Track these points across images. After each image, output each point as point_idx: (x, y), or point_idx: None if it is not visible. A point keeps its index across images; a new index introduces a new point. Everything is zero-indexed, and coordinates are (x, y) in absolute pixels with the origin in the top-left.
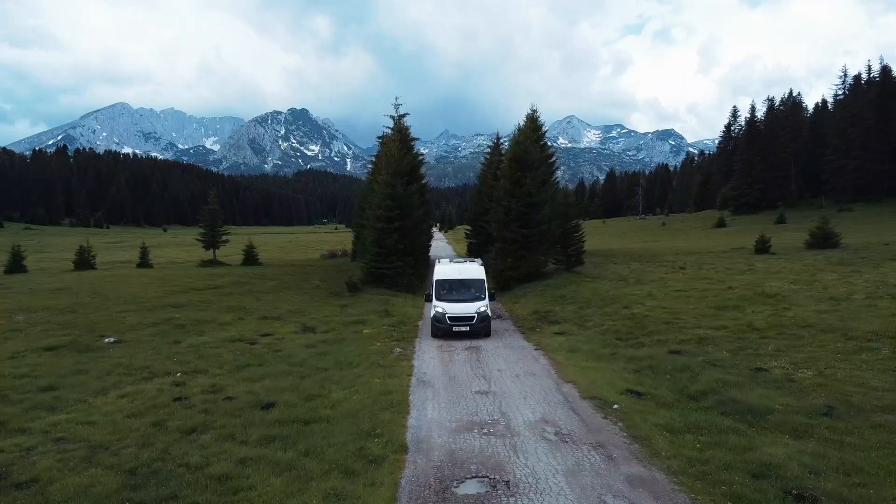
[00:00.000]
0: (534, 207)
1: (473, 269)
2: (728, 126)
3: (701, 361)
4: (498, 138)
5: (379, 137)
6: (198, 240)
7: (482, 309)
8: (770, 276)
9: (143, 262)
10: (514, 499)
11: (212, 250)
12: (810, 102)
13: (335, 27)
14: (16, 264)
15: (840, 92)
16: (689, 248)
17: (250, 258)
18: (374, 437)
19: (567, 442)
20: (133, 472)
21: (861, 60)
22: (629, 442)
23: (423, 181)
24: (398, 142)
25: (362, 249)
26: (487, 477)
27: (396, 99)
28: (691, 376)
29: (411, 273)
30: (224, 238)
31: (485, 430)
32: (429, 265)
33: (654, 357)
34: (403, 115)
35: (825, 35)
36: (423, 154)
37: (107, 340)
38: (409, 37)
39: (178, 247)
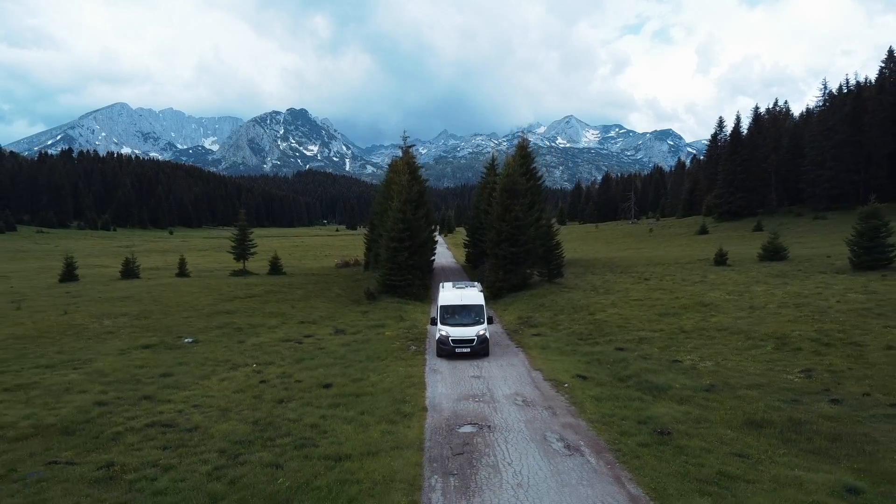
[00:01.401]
0: (521, 230)
1: (473, 296)
2: (714, 136)
3: (636, 356)
4: (493, 158)
5: (389, 165)
6: (229, 252)
7: (481, 332)
8: (714, 287)
9: (182, 272)
10: (492, 434)
11: (242, 261)
12: (804, 104)
13: (334, 27)
14: (69, 273)
15: (821, 103)
16: (662, 258)
17: (275, 268)
18: (405, 403)
19: (529, 405)
20: (256, 423)
21: (859, 60)
22: (569, 405)
23: (427, 206)
24: (407, 174)
25: (376, 263)
26: (477, 424)
27: (405, 132)
28: (624, 366)
29: (419, 284)
30: (252, 251)
31: (476, 399)
32: (433, 276)
33: (603, 353)
34: (411, 146)
35: (824, 35)
36: (422, 153)
37: (186, 340)
38: (407, 36)
39: (193, 252)
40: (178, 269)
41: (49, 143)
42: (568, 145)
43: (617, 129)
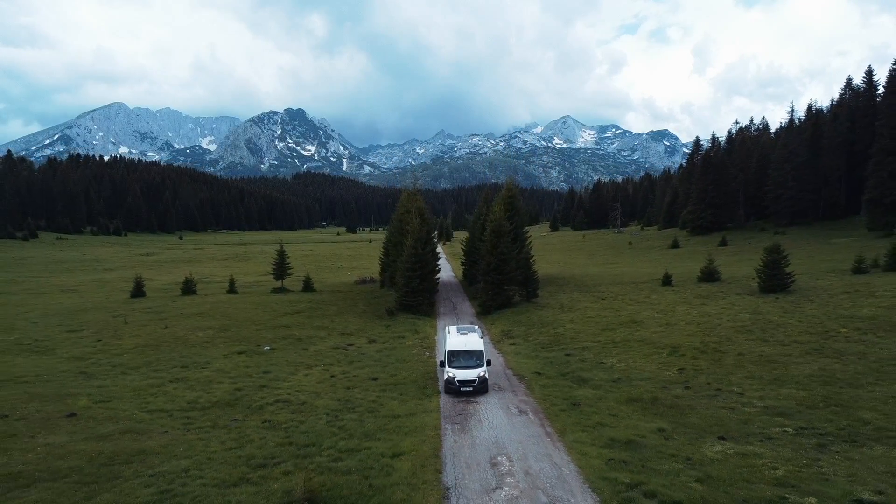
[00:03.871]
0: (506, 262)
1: (475, 342)
2: (692, 154)
3: (576, 359)
4: (487, 193)
5: (399, 201)
6: (270, 273)
7: (482, 374)
8: (649, 306)
9: (232, 289)
10: (478, 405)
11: (280, 280)
12: (800, 105)
13: (330, 26)
14: (138, 290)
15: (787, 124)
16: (625, 276)
17: (308, 286)
18: (426, 388)
19: (501, 390)
20: (339, 400)
21: (853, 61)
22: (525, 390)
23: (433, 242)
24: (418, 217)
25: (392, 283)
26: (469, 400)
27: (414, 173)
28: (567, 365)
29: (427, 303)
30: (289, 272)
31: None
32: (437, 294)
33: (555, 357)
34: (419, 190)
35: (819, 35)
36: (420, 153)
37: (265, 348)
38: (404, 36)
39: (214, 261)
40: (228, 287)
41: (46, 142)
42: (565, 145)
43: (613, 130)
